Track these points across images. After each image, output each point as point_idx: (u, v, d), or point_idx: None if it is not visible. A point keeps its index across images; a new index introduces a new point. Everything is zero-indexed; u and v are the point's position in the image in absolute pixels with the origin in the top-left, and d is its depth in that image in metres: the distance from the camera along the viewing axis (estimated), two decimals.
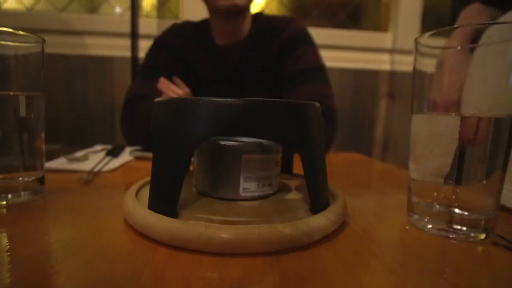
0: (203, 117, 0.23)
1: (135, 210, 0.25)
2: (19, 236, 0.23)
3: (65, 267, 0.19)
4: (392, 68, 1.30)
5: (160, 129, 0.26)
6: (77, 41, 1.15)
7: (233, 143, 0.29)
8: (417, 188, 0.29)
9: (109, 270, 0.19)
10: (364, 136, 1.34)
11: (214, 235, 0.21)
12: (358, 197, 0.37)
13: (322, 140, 0.28)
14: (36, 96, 0.33)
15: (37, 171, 0.33)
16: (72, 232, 0.24)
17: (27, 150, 0.32)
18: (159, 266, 0.20)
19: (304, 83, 0.75)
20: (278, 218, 0.25)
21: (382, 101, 1.32)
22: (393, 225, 0.29)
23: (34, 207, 0.30)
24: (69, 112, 1.18)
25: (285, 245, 0.22)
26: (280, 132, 0.24)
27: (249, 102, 0.24)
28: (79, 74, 1.17)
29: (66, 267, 0.19)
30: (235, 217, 0.25)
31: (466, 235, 0.25)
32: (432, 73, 0.28)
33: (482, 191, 0.26)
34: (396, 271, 0.20)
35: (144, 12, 1.23)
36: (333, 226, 0.25)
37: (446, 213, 0.26)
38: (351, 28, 1.32)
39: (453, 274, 0.20)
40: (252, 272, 0.19)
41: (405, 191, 0.31)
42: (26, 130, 0.32)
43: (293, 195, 0.31)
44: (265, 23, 0.83)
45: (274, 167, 0.30)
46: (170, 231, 0.22)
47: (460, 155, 0.26)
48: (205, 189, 0.30)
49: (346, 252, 0.23)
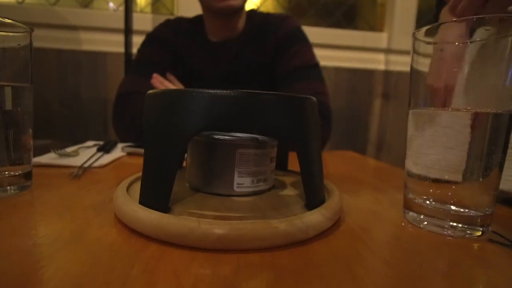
0: (196, 109, 0.23)
1: (126, 205, 0.24)
2: (4, 230, 0.23)
3: (52, 261, 0.18)
4: (387, 68, 1.31)
5: (152, 122, 0.25)
6: (70, 35, 1.13)
7: (228, 137, 0.28)
8: (413, 185, 0.29)
9: (96, 266, 0.18)
10: (358, 135, 1.34)
11: (207, 230, 0.21)
12: (354, 194, 0.36)
13: (318, 134, 0.27)
14: (24, 88, 0.32)
15: (24, 165, 0.32)
16: (60, 227, 0.23)
17: (14, 144, 0.31)
18: (150, 262, 0.19)
19: (299, 80, 0.74)
20: (273, 213, 0.24)
21: (376, 100, 1.33)
22: (389, 222, 0.28)
23: (20, 202, 0.29)
24: (61, 108, 1.16)
25: (280, 241, 0.22)
26: (276, 125, 0.23)
27: (244, 94, 0.23)
28: (72, 69, 1.15)
29: (53, 262, 0.18)
30: (229, 213, 0.24)
31: (462, 232, 0.25)
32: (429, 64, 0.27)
33: (479, 188, 0.25)
34: (392, 267, 0.20)
35: (138, 8, 1.22)
36: (329, 223, 0.25)
37: (442, 210, 0.26)
38: (346, 27, 1.32)
39: (450, 270, 0.20)
40: (246, 269, 0.19)
41: (401, 189, 0.30)
42: (12, 123, 0.31)
43: (289, 191, 0.31)
44: (260, 20, 0.82)
45: (269, 163, 0.30)
46: (161, 226, 0.21)
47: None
48: (198, 184, 0.29)
49: (342, 248, 0.22)
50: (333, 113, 0.76)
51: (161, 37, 0.82)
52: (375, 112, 1.33)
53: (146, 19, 1.16)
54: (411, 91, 0.29)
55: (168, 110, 0.24)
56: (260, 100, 0.23)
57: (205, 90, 0.23)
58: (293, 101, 0.25)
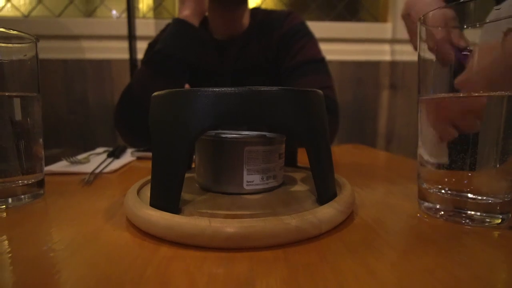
0: (202, 108, 0.23)
1: (136, 208, 0.24)
2: (19, 237, 0.23)
3: (66, 266, 0.19)
4: (393, 58, 1.29)
5: (158, 123, 0.25)
6: (75, 45, 1.15)
7: (235, 136, 0.28)
8: (427, 175, 0.28)
9: (110, 269, 0.18)
10: (367, 128, 1.32)
11: (218, 229, 0.20)
12: (366, 187, 0.36)
13: (326, 127, 0.27)
14: (32, 97, 0.32)
15: (36, 174, 0.33)
16: (73, 232, 0.24)
17: (25, 154, 0.31)
18: (162, 263, 0.19)
19: (305, 75, 0.74)
20: (284, 210, 0.24)
21: (384, 92, 1.31)
22: (404, 213, 0.28)
23: (34, 210, 0.29)
24: (70, 116, 1.18)
25: (292, 237, 0.21)
26: (282, 120, 0.23)
27: (248, 90, 0.23)
28: (79, 78, 1.16)
29: (68, 267, 0.18)
30: (239, 211, 0.24)
31: (481, 220, 0.24)
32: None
33: (496, 174, 0.25)
34: (409, 259, 0.19)
35: (141, 14, 1.23)
36: (342, 216, 0.25)
37: (459, 199, 0.25)
38: (349, 20, 1.30)
39: (470, 259, 0.19)
40: (260, 266, 0.19)
41: (414, 180, 0.30)
42: (23, 132, 0.31)
43: (299, 187, 0.31)
44: (264, 17, 0.82)
45: (278, 159, 0.29)
46: (172, 227, 0.21)
47: (472, 140, 0.25)
48: (208, 184, 0.29)
49: (356, 241, 0.22)
50: (340, 107, 0.75)
51: None
52: (383, 104, 1.31)
53: (149, 24, 1.17)
54: (420, 79, 0.28)
55: (174, 110, 0.24)
56: (265, 96, 0.23)
57: (209, 88, 0.23)
58: (299, 94, 0.24)
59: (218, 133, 0.29)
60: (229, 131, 0.32)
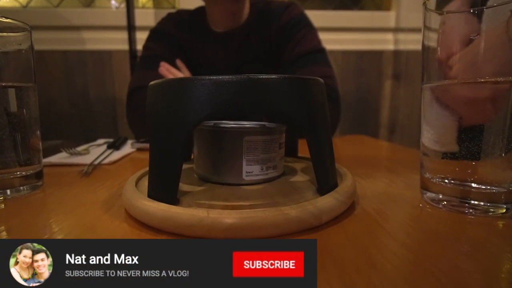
0: (199, 97, 0.22)
1: (134, 199, 0.24)
2: (17, 228, 0.23)
3: None
4: (396, 48, 1.26)
5: (155, 113, 0.24)
6: (74, 36, 1.14)
7: (234, 125, 0.27)
8: (430, 164, 0.27)
9: None
10: (370, 119, 1.31)
11: (216, 220, 0.20)
12: (368, 177, 0.35)
13: (327, 116, 0.26)
14: (28, 87, 0.31)
15: (34, 165, 0.32)
16: (71, 223, 0.23)
17: (22, 145, 0.31)
18: None
19: (305, 66, 0.73)
20: (284, 200, 0.24)
21: (387, 82, 1.29)
22: (406, 203, 0.27)
23: (32, 201, 0.29)
24: (71, 108, 1.17)
25: (292, 228, 0.21)
26: (282, 109, 0.23)
27: (246, 78, 0.22)
28: (79, 69, 1.16)
29: None
30: (238, 202, 0.23)
31: (485, 210, 0.24)
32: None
33: (501, 163, 0.24)
34: (412, 249, 0.19)
35: (140, 4, 1.21)
36: (343, 207, 0.24)
37: (462, 188, 0.25)
38: (352, 8, 1.28)
39: (474, 250, 0.19)
40: None
41: (417, 170, 0.29)
42: (19, 123, 0.31)
43: (300, 177, 0.30)
44: (263, 8, 0.81)
45: (278, 149, 0.29)
46: (170, 217, 0.21)
47: (478, 129, 0.24)
48: (206, 175, 0.29)
49: (358, 232, 0.21)
50: (342, 97, 0.74)
51: (164, 31, 0.81)
52: (386, 94, 1.30)
53: (149, 14, 1.16)
54: (423, 66, 0.27)
55: (170, 99, 0.23)
56: (264, 83, 0.22)
57: (207, 76, 0.22)
58: (298, 82, 0.23)
59: (217, 123, 0.28)
60: (229, 120, 0.31)
